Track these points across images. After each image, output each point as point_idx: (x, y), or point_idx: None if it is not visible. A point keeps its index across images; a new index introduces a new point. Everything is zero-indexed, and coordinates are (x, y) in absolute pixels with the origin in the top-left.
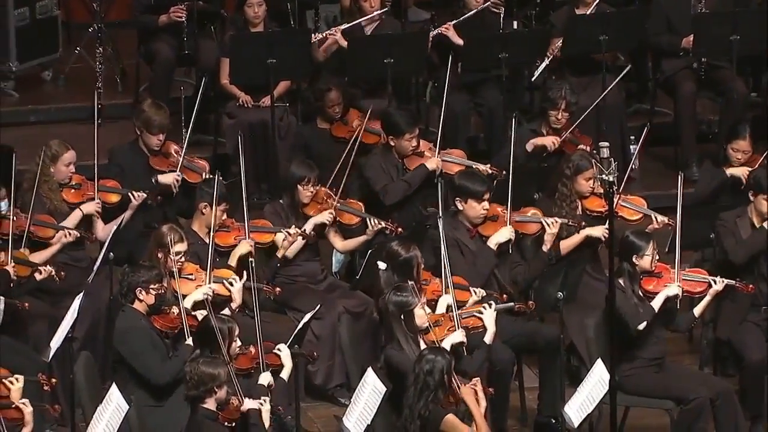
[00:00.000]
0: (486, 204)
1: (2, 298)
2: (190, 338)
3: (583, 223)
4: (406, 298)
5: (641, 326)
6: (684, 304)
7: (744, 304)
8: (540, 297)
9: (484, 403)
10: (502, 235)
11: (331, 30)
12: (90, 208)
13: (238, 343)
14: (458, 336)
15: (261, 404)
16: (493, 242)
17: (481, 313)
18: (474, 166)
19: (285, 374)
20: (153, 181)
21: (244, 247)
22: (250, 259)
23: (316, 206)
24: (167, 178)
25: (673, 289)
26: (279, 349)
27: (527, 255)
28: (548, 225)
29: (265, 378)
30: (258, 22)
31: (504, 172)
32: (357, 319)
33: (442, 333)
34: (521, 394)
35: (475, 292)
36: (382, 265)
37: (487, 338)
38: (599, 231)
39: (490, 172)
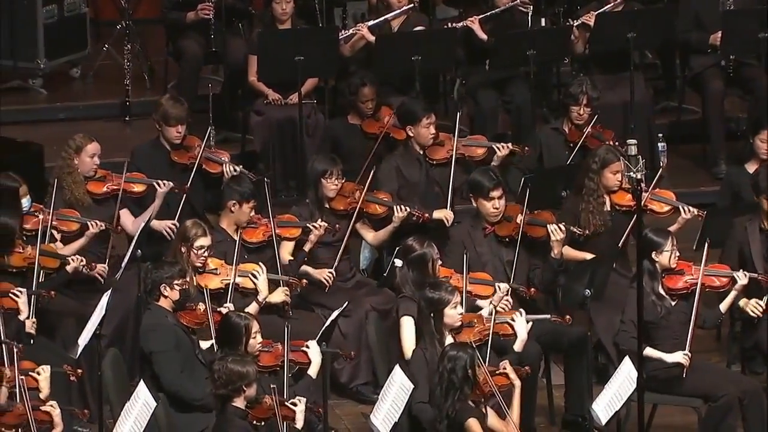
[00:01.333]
0: (496, 202)
1: (24, 289)
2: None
3: (586, 232)
4: (439, 296)
5: (624, 347)
6: (712, 300)
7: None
8: (567, 295)
9: (518, 383)
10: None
11: (357, 26)
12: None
13: (259, 339)
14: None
15: (296, 403)
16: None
17: (514, 321)
18: (495, 146)
19: (312, 371)
20: (177, 188)
21: (278, 296)
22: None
23: (343, 200)
24: (159, 225)
25: (677, 358)
26: (307, 346)
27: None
28: (552, 232)
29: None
30: (285, 19)
31: (527, 149)
32: (384, 317)
33: (472, 335)
34: (549, 392)
35: (499, 288)
36: (398, 262)
37: (517, 346)
38: None
39: (512, 148)
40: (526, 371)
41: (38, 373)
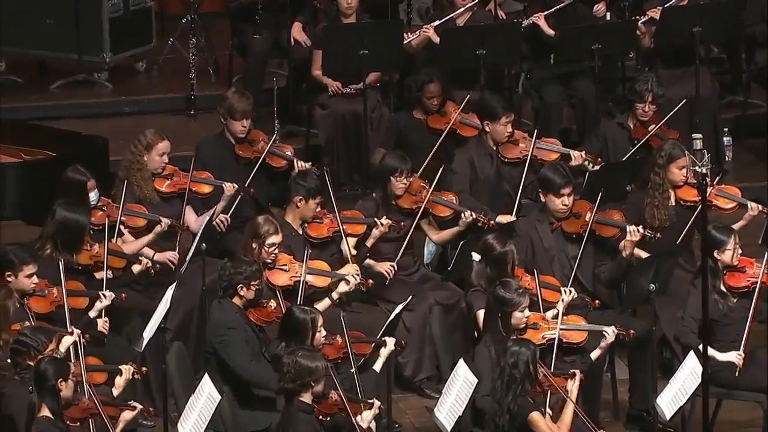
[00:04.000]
0: (566, 199)
1: (109, 293)
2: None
3: (658, 235)
4: (510, 298)
5: (682, 340)
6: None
7: None
8: (632, 289)
9: (573, 396)
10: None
11: (424, 28)
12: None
13: (323, 333)
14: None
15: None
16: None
17: (605, 337)
18: (569, 153)
19: (378, 366)
20: (242, 190)
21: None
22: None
23: (410, 198)
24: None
25: (730, 357)
26: (385, 342)
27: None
28: (630, 233)
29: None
30: (350, 13)
31: (599, 159)
32: (448, 311)
33: (536, 336)
34: (613, 387)
35: (566, 292)
36: (476, 257)
37: (594, 354)
38: None
39: (584, 158)
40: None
41: (120, 372)
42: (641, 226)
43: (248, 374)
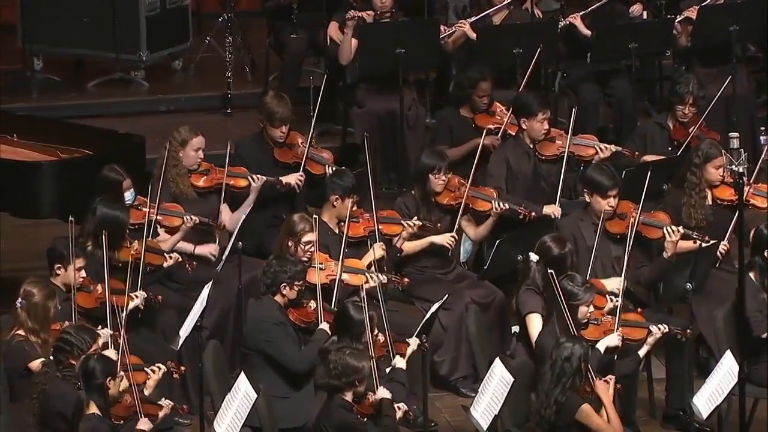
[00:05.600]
0: (612, 201)
1: (141, 293)
2: (324, 324)
3: (707, 238)
4: (575, 291)
5: (764, 335)
6: None
7: None
8: (668, 288)
9: (608, 400)
10: (611, 340)
11: (459, 23)
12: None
13: (376, 331)
14: (614, 340)
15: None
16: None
17: (650, 333)
18: (605, 147)
19: (401, 362)
20: (276, 183)
21: (377, 252)
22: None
23: (449, 194)
24: (290, 179)
25: None
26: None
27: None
28: (669, 233)
29: (400, 362)
30: (385, 12)
31: (637, 154)
32: (485, 310)
33: (598, 333)
34: (649, 386)
35: (611, 299)
36: (534, 257)
37: (642, 351)
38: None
39: (615, 150)
40: (619, 389)
41: (153, 371)
42: (680, 227)
43: (302, 364)
